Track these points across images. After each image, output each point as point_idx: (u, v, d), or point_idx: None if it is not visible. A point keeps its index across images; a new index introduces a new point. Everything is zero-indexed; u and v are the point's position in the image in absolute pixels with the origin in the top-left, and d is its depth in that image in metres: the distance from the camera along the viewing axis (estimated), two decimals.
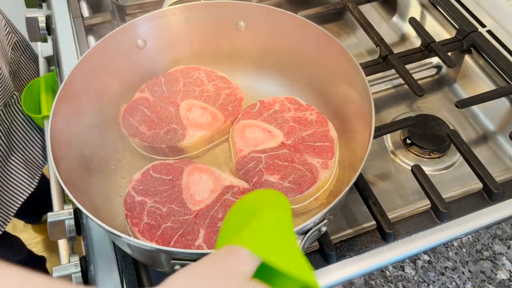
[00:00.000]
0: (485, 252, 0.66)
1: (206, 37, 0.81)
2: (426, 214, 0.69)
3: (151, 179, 0.68)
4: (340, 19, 1.10)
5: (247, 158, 0.70)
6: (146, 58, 0.79)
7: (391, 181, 0.79)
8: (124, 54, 0.76)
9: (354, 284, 0.64)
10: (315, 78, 0.78)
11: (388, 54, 0.88)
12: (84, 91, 0.69)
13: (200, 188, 0.67)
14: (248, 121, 0.74)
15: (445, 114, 0.88)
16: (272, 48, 0.79)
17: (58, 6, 1.02)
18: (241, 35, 0.79)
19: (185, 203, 0.65)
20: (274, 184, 0.67)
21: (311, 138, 0.71)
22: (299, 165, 0.68)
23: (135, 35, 0.76)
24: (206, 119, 0.75)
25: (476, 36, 0.90)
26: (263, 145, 0.71)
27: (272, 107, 0.76)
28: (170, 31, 0.79)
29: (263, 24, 0.77)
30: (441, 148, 0.81)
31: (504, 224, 0.69)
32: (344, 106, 0.74)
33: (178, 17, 0.78)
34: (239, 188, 0.67)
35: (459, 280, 0.64)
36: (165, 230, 0.63)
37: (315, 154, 0.69)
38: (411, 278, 0.64)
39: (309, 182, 0.67)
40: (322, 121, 0.73)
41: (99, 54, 0.71)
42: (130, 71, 0.78)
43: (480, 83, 0.89)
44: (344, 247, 0.66)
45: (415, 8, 1.02)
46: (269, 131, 0.73)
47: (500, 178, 0.73)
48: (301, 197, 0.66)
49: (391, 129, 0.79)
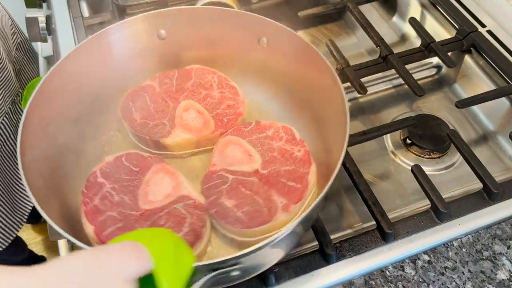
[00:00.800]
0: (485, 252, 0.66)
1: (232, 43, 0.80)
2: (426, 214, 0.69)
3: (121, 165, 0.68)
4: (340, 19, 1.10)
5: (215, 175, 0.68)
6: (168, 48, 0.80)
7: (391, 181, 0.79)
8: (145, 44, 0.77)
9: (354, 284, 0.64)
10: (320, 113, 0.73)
11: (388, 54, 0.88)
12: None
13: (158, 189, 0.66)
14: (235, 138, 0.72)
15: (445, 114, 0.88)
16: (289, 71, 0.76)
17: (58, 6, 1.02)
18: (264, 51, 0.77)
19: (137, 199, 0.65)
20: (227, 209, 0.63)
21: (287, 175, 0.66)
22: (260, 199, 0.64)
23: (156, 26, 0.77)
24: (198, 123, 0.74)
25: (476, 36, 0.90)
26: (237, 166, 0.68)
27: (265, 131, 0.72)
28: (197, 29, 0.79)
29: (285, 45, 0.74)
30: (441, 148, 0.81)
31: (504, 224, 0.69)
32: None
33: (207, 19, 0.78)
34: (194, 201, 0.65)
35: (459, 280, 0.64)
36: (107, 218, 0.62)
37: (283, 193, 0.64)
38: (411, 278, 0.64)
39: (261, 220, 0.62)
40: (306, 162, 0.67)
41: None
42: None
43: (480, 83, 0.89)
44: (344, 247, 0.66)
45: (415, 8, 1.02)
46: (250, 155, 0.70)
47: (500, 178, 0.73)
48: (247, 231, 0.62)
49: (391, 129, 0.79)
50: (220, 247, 0.64)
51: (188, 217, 0.63)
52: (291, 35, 0.72)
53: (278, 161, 0.68)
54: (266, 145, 0.70)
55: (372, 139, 0.78)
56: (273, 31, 0.74)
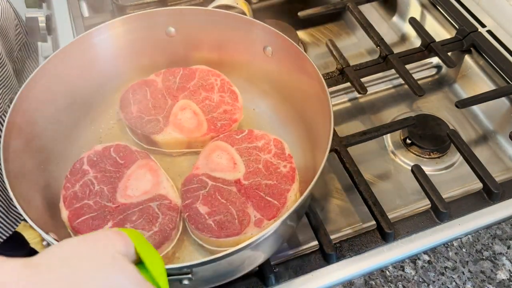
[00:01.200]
0: (485, 252, 0.66)
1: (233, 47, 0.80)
2: (426, 214, 0.69)
3: (108, 155, 0.69)
4: (340, 19, 1.10)
5: (196, 178, 0.67)
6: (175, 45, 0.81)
7: (391, 181, 0.79)
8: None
9: (354, 284, 0.64)
10: (314, 130, 0.72)
11: (388, 54, 0.88)
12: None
13: (137, 185, 0.67)
14: (224, 144, 0.71)
15: (445, 114, 0.88)
16: (290, 84, 0.76)
17: (58, 6, 1.02)
18: (268, 60, 0.77)
19: (116, 191, 0.66)
20: (199, 215, 0.63)
21: (267, 189, 0.65)
22: (234, 210, 0.63)
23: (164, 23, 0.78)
24: (191, 124, 0.74)
25: (476, 36, 0.90)
26: (219, 173, 0.67)
27: (255, 141, 0.71)
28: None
29: (287, 58, 0.74)
30: (441, 148, 0.81)
31: (504, 224, 0.69)
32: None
33: (217, 21, 0.78)
34: (170, 202, 0.64)
35: (459, 280, 0.64)
36: (83, 206, 0.63)
37: (258, 208, 0.63)
38: (411, 278, 0.64)
39: (231, 231, 0.61)
40: (289, 179, 0.66)
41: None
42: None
43: (480, 83, 0.89)
44: (344, 247, 0.66)
45: (415, 8, 1.02)
46: (235, 163, 0.69)
47: (500, 178, 0.73)
48: (216, 241, 0.62)
49: (391, 129, 0.79)
50: (188, 252, 0.64)
51: (160, 217, 0.63)
52: (293, 48, 0.72)
53: (261, 174, 0.67)
54: (254, 155, 0.69)
55: (372, 139, 0.78)
56: (276, 41, 0.74)
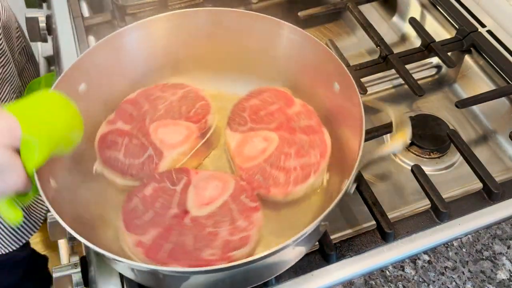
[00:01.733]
0: (485, 252, 0.66)
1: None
2: (426, 214, 0.69)
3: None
4: (340, 19, 1.10)
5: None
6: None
7: (391, 181, 0.79)
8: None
9: (354, 284, 0.64)
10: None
11: (388, 54, 0.88)
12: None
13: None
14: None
15: (445, 114, 0.88)
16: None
17: (58, 6, 1.02)
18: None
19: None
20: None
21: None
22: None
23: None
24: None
25: (476, 36, 0.90)
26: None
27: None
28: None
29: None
30: (441, 148, 0.81)
31: (504, 224, 0.69)
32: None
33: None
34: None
35: (459, 280, 0.64)
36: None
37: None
38: (411, 278, 0.64)
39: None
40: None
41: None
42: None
43: (480, 83, 0.89)
44: (344, 247, 0.66)
45: (415, 8, 1.02)
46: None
47: (500, 178, 0.73)
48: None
49: (391, 129, 0.79)
50: None
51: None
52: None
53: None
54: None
55: (372, 139, 0.78)
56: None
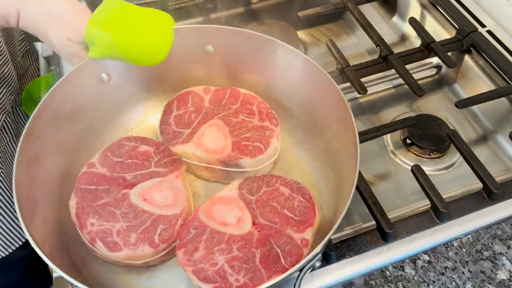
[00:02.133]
0: (485, 252, 0.66)
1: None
2: (426, 214, 0.69)
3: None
4: (340, 19, 1.10)
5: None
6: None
7: (391, 181, 0.79)
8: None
9: (354, 284, 0.64)
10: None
11: (388, 54, 0.88)
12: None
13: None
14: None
15: (445, 114, 0.88)
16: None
17: None
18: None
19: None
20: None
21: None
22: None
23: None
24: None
25: (476, 36, 0.90)
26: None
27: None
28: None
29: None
30: (441, 148, 0.81)
31: (504, 224, 0.69)
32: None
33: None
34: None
35: (459, 280, 0.64)
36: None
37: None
38: (411, 278, 0.64)
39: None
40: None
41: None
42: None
43: (480, 83, 0.89)
44: (344, 247, 0.66)
45: (415, 8, 1.02)
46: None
47: (500, 178, 0.73)
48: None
49: (391, 129, 0.79)
50: None
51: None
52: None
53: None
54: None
55: (372, 139, 0.78)
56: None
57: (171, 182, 0.68)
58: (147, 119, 0.81)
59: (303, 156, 0.76)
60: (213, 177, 0.74)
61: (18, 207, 0.56)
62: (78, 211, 0.64)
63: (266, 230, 0.63)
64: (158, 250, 0.62)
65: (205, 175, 0.74)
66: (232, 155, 0.70)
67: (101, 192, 0.66)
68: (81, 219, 0.63)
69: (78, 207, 0.64)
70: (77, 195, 0.65)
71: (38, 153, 0.64)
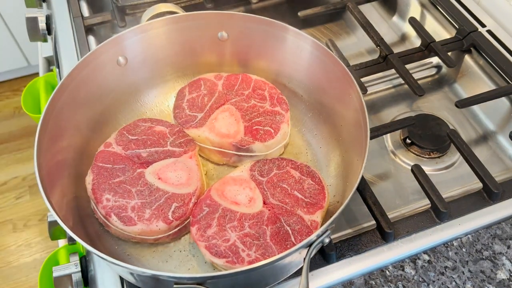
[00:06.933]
0: (485, 252, 0.66)
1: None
2: (426, 214, 0.69)
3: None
4: (340, 19, 1.10)
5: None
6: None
7: (391, 181, 0.79)
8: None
9: (354, 284, 0.64)
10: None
11: (388, 54, 0.88)
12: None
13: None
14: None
15: (445, 114, 0.88)
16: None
17: (58, 6, 1.02)
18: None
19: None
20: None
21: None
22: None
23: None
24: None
25: (476, 36, 0.90)
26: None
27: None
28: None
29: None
30: (441, 148, 0.81)
31: (504, 224, 0.69)
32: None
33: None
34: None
35: (459, 280, 0.64)
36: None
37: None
38: (411, 278, 0.64)
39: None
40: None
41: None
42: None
43: (480, 83, 0.89)
44: (344, 247, 0.66)
45: (415, 8, 1.02)
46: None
47: (500, 178, 0.73)
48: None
49: (391, 129, 0.79)
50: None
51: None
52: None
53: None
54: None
55: (372, 139, 0.78)
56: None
57: (185, 162, 0.70)
58: (161, 104, 0.83)
59: (312, 141, 0.78)
60: (224, 160, 0.76)
61: (39, 182, 0.57)
62: (94, 187, 0.66)
63: (276, 210, 0.65)
64: (171, 227, 0.64)
65: (216, 159, 0.76)
66: (245, 139, 0.73)
67: (117, 170, 0.68)
68: (97, 194, 0.66)
69: (94, 183, 0.67)
70: (94, 172, 0.68)
71: (57, 132, 0.66)
